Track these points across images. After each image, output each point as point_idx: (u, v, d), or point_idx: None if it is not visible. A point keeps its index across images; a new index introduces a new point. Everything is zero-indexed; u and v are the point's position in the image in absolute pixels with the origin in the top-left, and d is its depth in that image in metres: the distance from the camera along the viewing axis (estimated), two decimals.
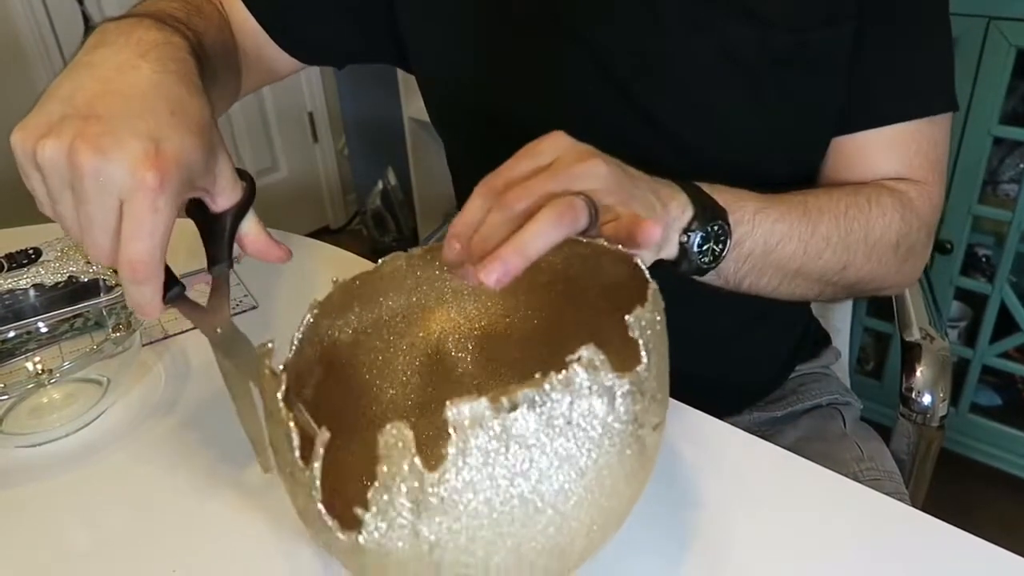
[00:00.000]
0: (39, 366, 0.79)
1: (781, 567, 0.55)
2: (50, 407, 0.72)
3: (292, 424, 0.43)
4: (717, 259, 0.62)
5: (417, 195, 2.73)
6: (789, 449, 0.66)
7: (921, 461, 0.95)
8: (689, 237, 0.59)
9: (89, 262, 0.80)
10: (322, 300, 0.55)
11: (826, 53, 0.72)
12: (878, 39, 0.72)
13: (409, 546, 0.40)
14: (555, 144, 0.53)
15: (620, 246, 0.50)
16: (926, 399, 0.92)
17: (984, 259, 1.80)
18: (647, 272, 0.48)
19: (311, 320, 0.54)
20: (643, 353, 0.43)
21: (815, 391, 0.95)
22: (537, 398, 0.39)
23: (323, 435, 0.41)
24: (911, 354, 0.94)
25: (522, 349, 0.65)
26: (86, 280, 0.81)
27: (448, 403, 0.38)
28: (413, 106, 2.54)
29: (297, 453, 0.43)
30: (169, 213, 0.48)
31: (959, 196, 1.64)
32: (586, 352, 0.40)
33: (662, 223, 0.52)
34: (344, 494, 0.44)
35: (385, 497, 0.39)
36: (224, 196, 0.55)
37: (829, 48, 0.72)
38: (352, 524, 0.40)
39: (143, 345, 0.81)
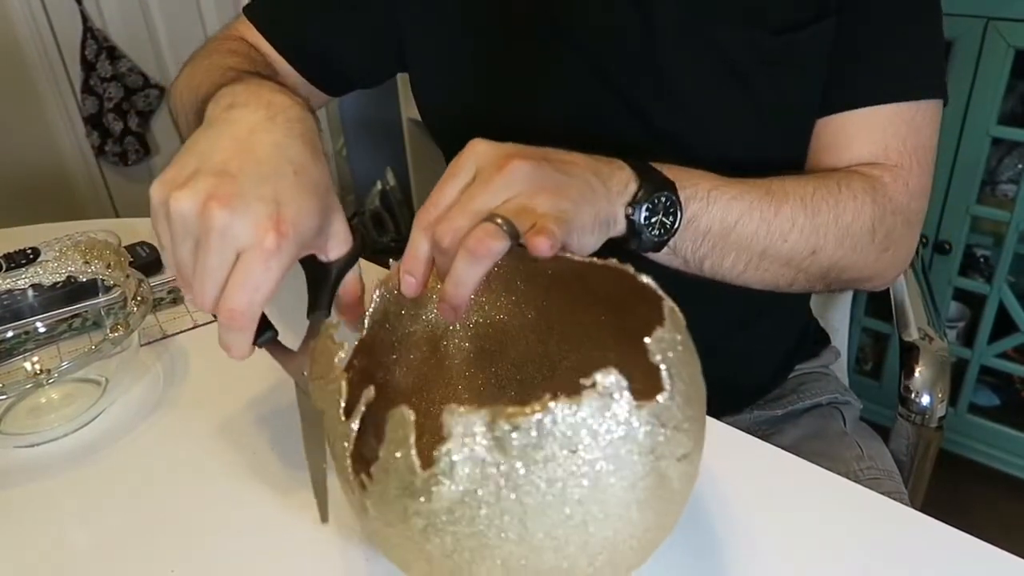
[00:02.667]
0: (37, 366, 0.79)
1: (778, 568, 0.55)
2: (48, 407, 0.72)
3: (344, 383, 0.44)
4: (669, 232, 0.61)
5: (416, 196, 2.73)
6: (790, 448, 0.66)
7: (920, 461, 0.95)
8: (634, 210, 0.59)
9: (87, 262, 0.80)
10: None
11: (812, 51, 0.73)
12: (857, 24, 0.73)
13: (401, 527, 0.41)
14: (473, 156, 0.54)
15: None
16: (925, 399, 0.92)
17: (982, 259, 1.80)
18: (658, 289, 0.47)
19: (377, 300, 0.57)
20: (665, 380, 0.41)
21: (815, 390, 0.95)
22: (538, 422, 0.37)
23: (368, 393, 0.43)
24: (910, 354, 0.94)
25: (538, 349, 0.64)
26: (84, 280, 0.81)
27: (446, 409, 0.37)
28: (412, 107, 2.53)
29: (343, 406, 0.43)
30: (278, 274, 0.51)
31: (957, 196, 1.64)
32: (602, 377, 0.38)
33: (557, 236, 0.50)
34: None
35: (384, 476, 0.40)
36: (335, 251, 0.58)
37: (815, 46, 0.73)
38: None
39: (141, 345, 0.81)
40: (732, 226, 0.65)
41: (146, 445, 0.70)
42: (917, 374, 0.93)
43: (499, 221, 0.49)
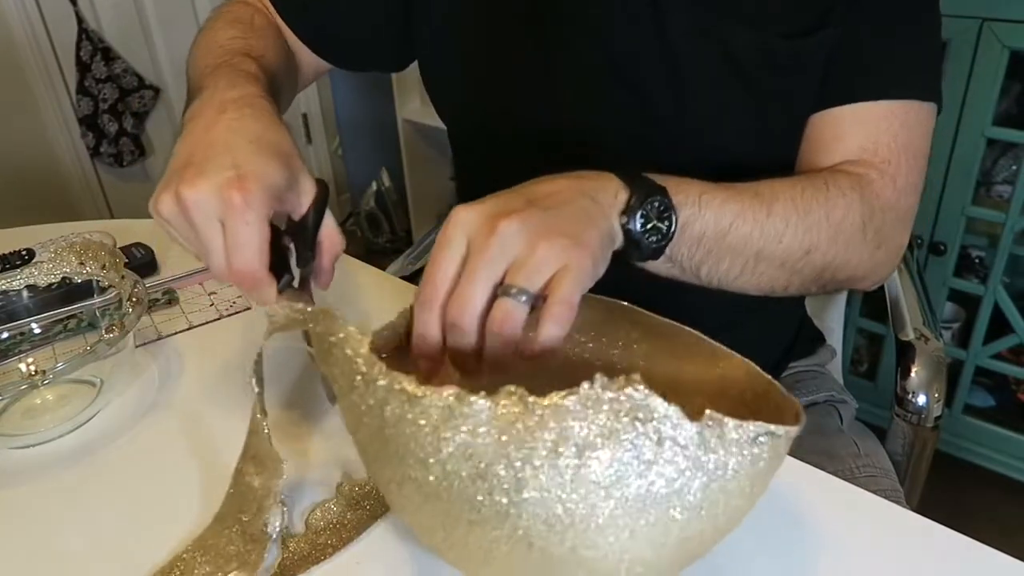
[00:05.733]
0: (32, 367, 0.79)
1: (773, 568, 0.55)
2: (43, 408, 0.72)
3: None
4: (666, 237, 0.60)
5: (411, 196, 2.73)
6: None
7: (916, 461, 0.95)
8: (629, 218, 0.58)
9: (83, 263, 0.80)
10: None
11: (818, 57, 0.74)
12: (855, 23, 0.73)
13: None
14: (459, 225, 0.52)
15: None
16: (921, 399, 0.93)
17: (977, 260, 1.80)
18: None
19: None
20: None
21: (812, 387, 0.95)
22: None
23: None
24: (906, 354, 0.95)
25: None
26: (79, 281, 0.80)
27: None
28: (407, 107, 2.54)
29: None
30: (258, 226, 0.56)
31: (953, 197, 1.64)
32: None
33: (561, 329, 0.50)
34: None
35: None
36: (306, 204, 0.63)
37: (821, 53, 0.74)
38: None
39: (136, 347, 0.81)
40: (727, 229, 0.65)
41: (141, 446, 0.70)
42: (913, 374, 0.93)
43: (513, 292, 0.49)
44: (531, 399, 0.39)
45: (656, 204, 0.59)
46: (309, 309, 0.51)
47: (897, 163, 0.73)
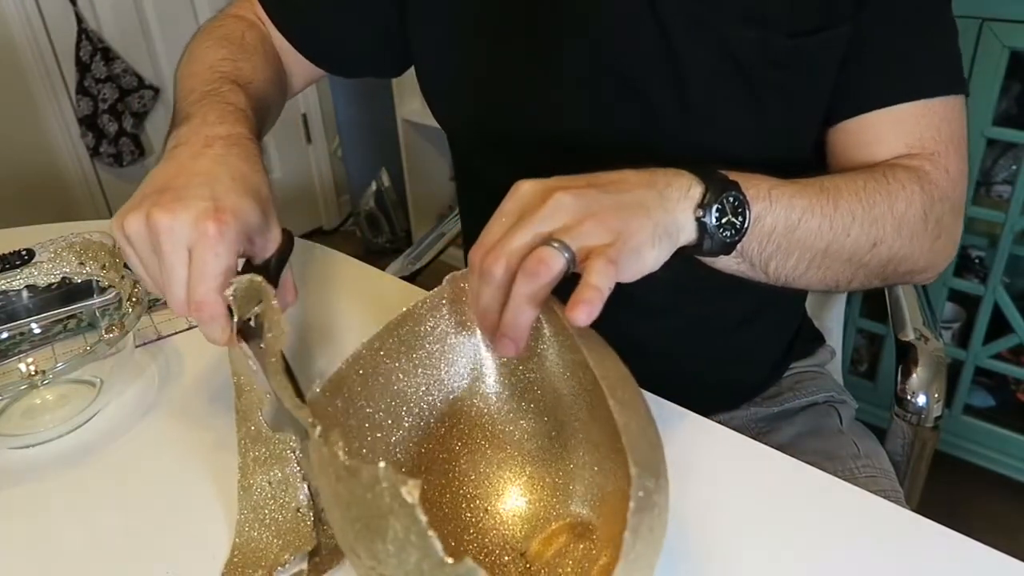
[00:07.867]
0: (32, 367, 0.79)
1: (770, 568, 0.55)
2: (43, 408, 0.72)
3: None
4: (739, 232, 0.60)
5: (411, 196, 2.73)
6: (786, 445, 0.66)
7: (916, 461, 0.95)
8: (705, 212, 0.58)
9: (82, 263, 0.80)
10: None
11: (822, 57, 0.73)
12: (880, 24, 0.72)
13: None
14: (517, 195, 0.54)
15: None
16: (921, 399, 0.92)
17: (977, 260, 1.80)
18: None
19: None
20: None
21: (811, 388, 0.95)
22: None
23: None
24: (906, 354, 0.94)
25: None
26: (79, 281, 0.80)
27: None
28: (406, 107, 2.54)
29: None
30: (227, 259, 0.57)
31: None
32: None
33: (597, 299, 0.48)
34: None
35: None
36: (271, 252, 0.65)
37: (825, 52, 0.73)
38: None
39: (136, 347, 0.81)
40: (796, 224, 0.65)
41: (141, 446, 0.70)
42: (913, 374, 0.93)
43: (555, 244, 0.50)
44: (347, 463, 0.39)
45: (731, 199, 0.59)
46: (265, 283, 0.56)
47: (946, 153, 0.74)
